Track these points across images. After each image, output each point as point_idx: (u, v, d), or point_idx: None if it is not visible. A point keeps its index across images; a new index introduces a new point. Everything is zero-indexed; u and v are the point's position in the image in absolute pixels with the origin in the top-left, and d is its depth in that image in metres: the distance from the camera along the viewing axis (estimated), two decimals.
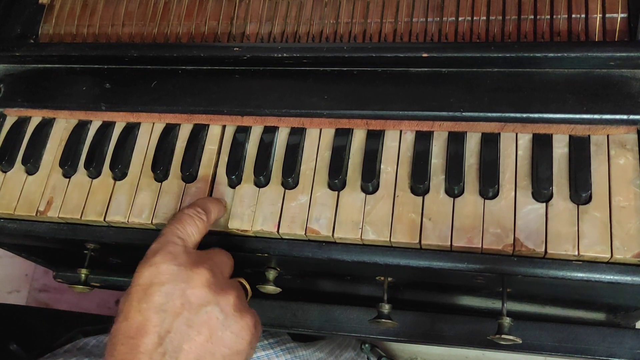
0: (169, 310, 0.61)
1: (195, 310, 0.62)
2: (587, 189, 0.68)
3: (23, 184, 0.84)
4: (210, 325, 0.62)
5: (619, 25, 0.74)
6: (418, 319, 0.95)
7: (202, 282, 0.64)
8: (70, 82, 0.87)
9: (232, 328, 0.64)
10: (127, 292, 0.63)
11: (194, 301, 0.63)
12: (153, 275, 0.63)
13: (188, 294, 0.63)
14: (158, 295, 0.62)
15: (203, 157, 0.81)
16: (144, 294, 0.62)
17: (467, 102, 0.73)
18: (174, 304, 0.62)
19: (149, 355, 0.59)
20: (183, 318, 0.62)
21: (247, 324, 0.65)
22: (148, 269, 0.63)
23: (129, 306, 0.62)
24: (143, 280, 0.63)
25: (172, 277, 0.63)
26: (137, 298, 0.62)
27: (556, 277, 0.68)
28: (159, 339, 0.60)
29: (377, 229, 0.72)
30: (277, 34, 0.84)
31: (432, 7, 0.80)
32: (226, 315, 0.64)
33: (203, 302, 0.63)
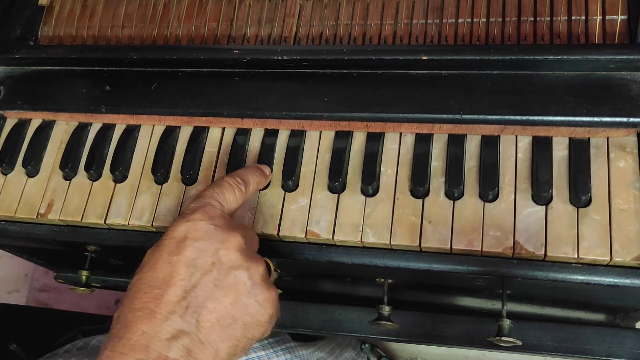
0: (199, 266, 0.61)
1: (225, 271, 0.62)
2: (586, 191, 0.68)
3: (24, 186, 0.84)
4: (237, 289, 0.62)
5: (619, 28, 0.74)
6: (418, 319, 0.95)
7: (235, 245, 0.64)
8: (70, 84, 0.87)
9: (257, 297, 0.63)
10: (158, 244, 0.63)
11: (225, 262, 0.62)
12: (188, 230, 0.63)
13: (220, 254, 0.62)
14: (191, 249, 0.62)
15: (203, 159, 0.81)
16: (176, 247, 0.62)
17: (467, 104, 0.73)
18: (205, 261, 0.62)
19: (172, 307, 0.59)
20: (211, 276, 0.61)
21: (272, 297, 0.65)
22: (184, 224, 0.63)
23: (158, 257, 0.62)
24: (178, 233, 0.63)
25: (207, 235, 0.63)
26: (168, 250, 0.62)
27: (556, 279, 0.68)
28: (184, 292, 0.60)
29: (377, 232, 0.72)
30: (277, 36, 0.84)
31: (432, 9, 0.80)
32: (253, 283, 0.63)
33: (234, 265, 0.63)
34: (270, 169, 0.77)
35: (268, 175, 0.77)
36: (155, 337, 0.57)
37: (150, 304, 0.59)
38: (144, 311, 0.59)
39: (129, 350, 0.57)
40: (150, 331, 0.57)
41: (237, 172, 0.73)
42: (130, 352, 0.56)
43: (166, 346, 0.57)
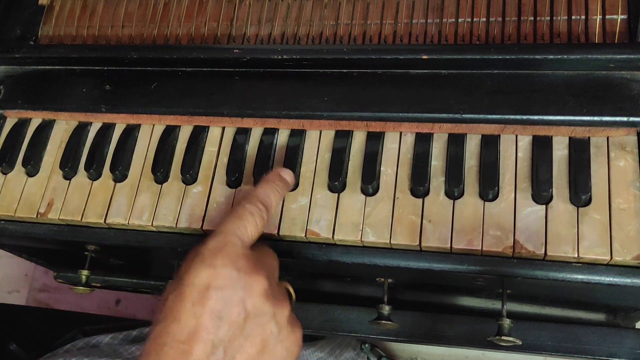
0: (225, 317, 0.58)
1: (251, 320, 0.60)
2: (586, 191, 0.68)
3: (23, 185, 0.84)
4: (264, 338, 0.60)
5: (619, 27, 0.74)
6: (418, 319, 0.95)
7: (260, 291, 0.61)
8: (70, 83, 0.87)
9: (285, 342, 0.62)
10: (179, 291, 0.59)
11: (251, 311, 0.60)
12: (211, 278, 0.59)
13: (247, 303, 0.59)
14: (215, 300, 0.58)
15: (203, 158, 0.81)
16: (200, 297, 0.58)
17: (467, 104, 0.73)
18: (231, 311, 0.59)
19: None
20: (238, 328, 0.59)
21: (297, 339, 0.64)
22: (206, 271, 0.60)
23: (181, 307, 0.58)
24: (200, 281, 0.59)
25: (231, 283, 0.59)
26: (191, 300, 0.58)
27: (556, 279, 0.68)
28: (212, 347, 0.57)
29: (377, 231, 0.72)
30: (277, 35, 0.84)
31: (432, 9, 0.80)
32: (280, 328, 0.62)
33: (260, 312, 0.60)
34: (293, 174, 0.75)
35: (291, 183, 0.74)
36: None
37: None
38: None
39: None
40: None
41: (257, 194, 0.69)
42: None
43: None
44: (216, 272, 0.60)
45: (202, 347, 0.57)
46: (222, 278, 0.59)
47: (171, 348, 0.57)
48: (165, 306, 0.60)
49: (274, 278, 0.66)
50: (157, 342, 0.58)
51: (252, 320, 0.60)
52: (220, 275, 0.60)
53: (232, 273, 0.60)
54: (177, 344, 0.57)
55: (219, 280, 0.59)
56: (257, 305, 0.60)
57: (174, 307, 0.59)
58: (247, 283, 0.60)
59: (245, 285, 0.60)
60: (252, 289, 0.60)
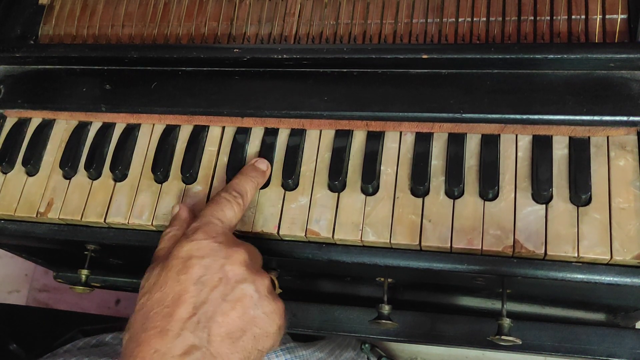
0: (206, 282, 0.63)
1: (231, 285, 0.63)
2: (587, 190, 0.68)
3: (23, 185, 0.84)
4: (244, 303, 0.63)
5: (619, 27, 0.74)
6: (418, 319, 0.95)
7: (240, 260, 0.65)
8: (70, 83, 0.87)
9: (265, 309, 0.65)
10: (165, 265, 0.64)
11: (231, 277, 0.64)
12: (194, 250, 0.64)
13: (226, 269, 0.64)
14: (197, 267, 0.63)
15: (203, 158, 0.81)
16: (183, 266, 0.63)
17: (467, 103, 0.73)
18: (212, 277, 0.63)
19: (183, 323, 0.60)
20: (219, 291, 0.63)
21: (279, 308, 0.66)
22: (189, 244, 0.65)
23: (166, 277, 0.63)
24: (183, 253, 0.64)
25: (212, 252, 0.64)
26: (176, 270, 0.63)
27: (556, 278, 0.68)
28: (194, 308, 0.61)
29: (377, 231, 0.72)
30: (277, 35, 0.84)
31: (432, 8, 0.80)
32: (260, 295, 0.65)
33: (240, 279, 0.64)
34: (267, 162, 0.78)
35: (266, 170, 0.77)
36: (167, 354, 0.58)
37: (161, 322, 0.60)
38: (156, 330, 0.59)
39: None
40: (163, 348, 0.58)
41: (232, 184, 0.74)
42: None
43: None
44: (198, 244, 0.65)
45: (185, 308, 0.61)
46: (203, 249, 0.65)
47: (156, 313, 0.61)
48: (148, 282, 0.65)
49: (257, 262, 0.70)
50: (142, 312, 0.62)
51: (232, 285, 0.64)
52: (202, 246, 0.65)
53: (213, 245, 0.65)
54: (162, 309, 0.61)
55: (200, 251, 0.64)
56: (237, 272, 0.65)
57: (159, 279, 0.64)
58: (228, 253, 0.65)
59: (225, 255, 0.65)
60: (232, 258, 0.65)
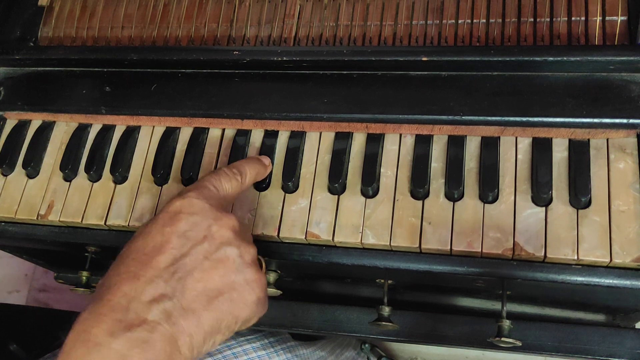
0: (190, 237, 0.62)
1: (216, 245, 0.62)
2: (586, 193, 0.68)
3: (24, 187, 0.84)
4: (226, 265, 0.62)
5: (618, 29, 0.74)
6: (418, 320, 0.95)
7: (229, 225, 0.64)
8: (70, 85, 0.87)
9: (246, 276, 0.63)
10: (153, 218, 0.64)
11: (217, 237, 0.63)
12: (184, 206, 0.63)
13: (213, 229, 0.63)
14: (185, 222, 0.62)
15: (203, 160, 0.81)
16: (170, 219, 0.63)
17: (466, 105, 0.73)
18: (198, 234, 0.62)
19: (158, 272, 0.59)
20: (202, 248, 0.62)
21: (261, 280, 0.65)
22: (180, 200, 0.64)
23: (151, 228, 0.62)
24: (173, 208, 0.64)
25: (202, 211, 0.63)
26: (162, 222, 0.63)
27: (555, 281, 0.68)
28: (173, 259, 0.60)
29: (377, 233, 0.72)
30: (277, 36, 0.84)
31: (432, 10, 0.80)
32: (243, 261, 0.64)
33: (225, 241, 0.63)
34: (270, 159, 0.78)
35: (267, 165, 0.77)
36: (135, 299, 0.57)
37: (135, 268, 0.59)
38: (129, 274, 0.58)
39: (108, 310, 0.56)
40: (132, 292, 0.57)
41: (234, 164, 0.73)
42: (109, 313, 0.56)
43: (146, 308, 0.57)
44: (190, 201, 0.64)
45: (163, 258, 0.60)
46: (194, 206, 0.64)
47: (133, 259, 0.60)
48: (136, 232, 0.64)
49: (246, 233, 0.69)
50: (120, 258, 0.61)
51: (217, 246, 0.63)
52: (193, 203, 0.64)
53: (204, 205, 0.64)
54: (140, 255, 0.60)
55: (191, 208, 0.63)
56: (224, 235, 0.63)
57: (144, 229, 0.63)
58: (218, 216, 0.64)
59: (215, 217, 0.64)
60: (221, 221, 0.64)
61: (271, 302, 0.96)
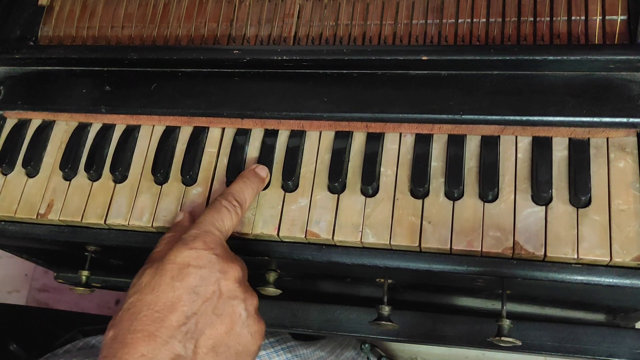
0: (200, 293, 0.63)
1: (224, 300, 0.64)
2: (586, 192, 0.68)
3: (23, 186, 0.84)
4: (232, 319, 0.64)
5: (618, 28, 0.74)
6: (418, 319, 0.95)
7: (234, 277, 0.66)
8: (70, 84, 0.87)
9: (250, 328, 0.66)
10: (159, 267, 0.64)
11: (225, 292, 0.64)
12: (192, 258, 0.64)
13: (221, 284, 0.64)
14: (194, 277, 0.63)
15: (203, 159, 0.81)
16: (179, 273, 0.63)
17: (466, 104, 0.73)
18: (207, 289, 0.63)
19: (172, 331, 0.60)
20: (211, 304, 0.63)
21: (262, 330, 0.68)
22: (187, 251, 0.65)
23: (160, 281, 0.63)
24: (181, 259, 0.64)
25: (209, 265, 0.65)
26: (171, 275, 0.63)
27: (555, 280, 0.68)
28: (185, 318, 0.61)
29: (377, 232, 0.72)
30: (277, 36, 0.84)
31: (432, 9, 0.80)
32: (248, 314, 0.66)
33: (232, 295, 0.65)
34: (268, 169, 0.78)
35: (265, 177, 0.77)
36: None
37: (150, 327, 0.60)
38: (144, 333, 0.59)
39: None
40: (150, 354, 0.58)
41: (232, 191, 0.73)
42: None
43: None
44: (197, 254, 0.65)
45: (176, 316, 0.61)
46: (201, 259, 0.65)
47: (145, 316, 0.60)
48: (139, 282, 0.64)
49: (245, 276, 0.70)
50: (130, 312, 0.61)
51: (224, 301, 0.64)
52: (201, 256, 0.65)
53: (211, 256, 0.65)
54: (152, 312, 0.61)
55: (199, 260, 0.64)
56: (231, 288, 0.65)
57: (152, 281, 0.63)
58: (224, 267, 0.65)
59: (221, 269, 0.65)
60: (228, 273, 0.65)
61: (271, 302, 0.97)
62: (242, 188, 0.74)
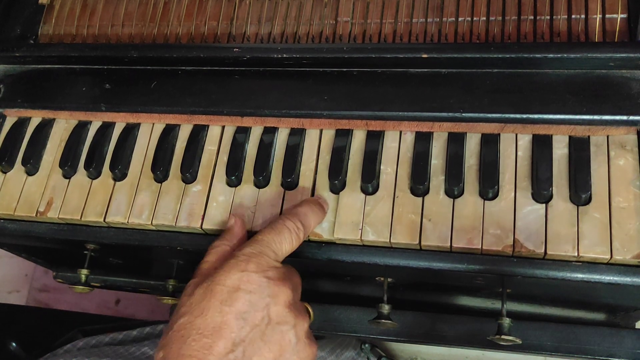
0: (249, 319, 0.61)
1: (272, 326, 0.63)
2: (586, 189, 0.68)
3: (23, 184, 0.84)
4: (282, 346, 0.63)
5: (618, 26, 0.74)
6: (418, 319, 0.95)
7: (284, 301, 0.64)
8: (70, 82, 0.87)
9: (300, 354, 0.64)
10: (208, 288, 0.63)
11: (274, 317, 0.63)
12: (242, 282, 0.63)
13: (270, 309, 0.63)
14: (243, 302, 0.62)
15: (203, 157, 0.81)
16: (229, 297, 0.62)
17: (467, 102, 0.73)
18: (255, 315, 0.62)
19: (220, 358, 0.59)
20: (259, 330, 0.62)
21: (313, 354, 0.66)
22: (238, 274, 0.63)
23: (209, 303, 0.62)
24: (231, 282, 0.63)
25: (259, 289, 0.63)
26: (220, 298, 0.62)
27: (556, 278, 0.68)
28: (233, 345, 0.60)
29: (377, 230, 0.72)
30: (277, 34, 0.84)
31: (432, 8, 0.80)
32: (298, 339, 0.64)
33: (281, 321, 0.63)
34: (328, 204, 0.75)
35: (326, 212, 0.75)
36: None
37: (199, 353, 0.59)
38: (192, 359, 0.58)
39: None
40: None
41: (299, 213, 0.71)
42: None
43: None
44: (248, 277, 0.63)
45: (223, 343, 0.59)
46: (252, 283, 0.63)
47: (194, 340, 0.59)
48: (190, 301, 0.63)
49: (297, 294, 0.69)
50: (180, 334, 0.60)
51: (273, 327, 0.63)
52: (251, 280, 0.63)
53: (262, 280, 0.63)
54: (201, 337, 0.60)
55: (249, 285, 0.63)
56: (280, 314, 0.64)
57: (201, 302, 0.62)
58: (274, 291, 0.64)
59: (272, 293, 0.63)
60: (277, 298, 0.64)
61: None
62: (308, 212, 0.72)
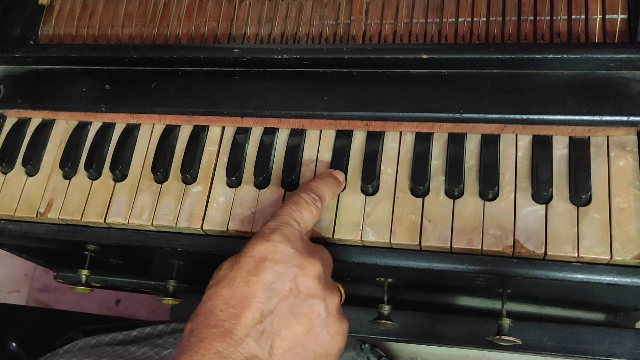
0: (276, 290, 0.60)
1: (301, 299, 0.61)
2: (587, 190, 0.68)
3: (23, 185, 0.84)
4: (311, 319, 0.61)
5: (619, 27, 0.74)
6: (418, 319, 0.95)
7: (314, 273, 0.62)
8: (70, 83, 0.87)
9: (330, 329, 0.62)
10: (235, 260, 0.62)
11: (303, 290, 0.61)
12: (268, 252, 0.62)
13: (299, 280, 0.61)
14: (270, 272, 0.61)
15: (203, 158, 0.81)
16: (256, 267, 0.61)
17: (467, 103, 0.73)
18: (283, 285, 0.61)
19: (248, 329, 0.58)
20: (288, 303, 0.60)
21: (344, 330, 0.64)
22: (264, 244, 0.62)
23: (236, 274, 0.61)
24: (257, 253, 0.62)
25: (286, 259, 0.62)
26: (247, 269, 0.61)
27: (556, 278, 0.68)
28: (261, 316, 0.59)
29: (377, 231, 0.72)
30: (277, 35, 0.84)
31: (432, 8, 0.80)
32: (328, 314, 0.62)
33: (310, 293, 0.62)
34: (344, 174, 0.75)
35: (342, 182, 0.74)
36: (229, 358, 0.56)
37: (226, 323, 0.58)
38: (219, 329, 0.58)
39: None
40: (225, 351, 0.56)
41: (311, 186, 0.71)
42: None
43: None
44: (274, 247, 0.62)
45: (251, 313, 0.58)
46: (278, 253, 0.62)
47: (221, 311, 0.59)
48: (217, 274, 0.62)
49: (329, 270, 0.67)
50: (207, 305, 0.60)
51: (302, 299, 0.61)
52: (278, 249, 0.62)
53: (289, 250, 0.62)
54: (227, 307, 0.59)
55: (275, 255, 0.62)
56: (309, 286, 0.62)
57: (228, 274, 0.61)
58: (302, 263, 0.62)
59: (299, 264, 0.62)
60: (306, 269, 0.62)
61: None
62: (320, 185, 0.71)
